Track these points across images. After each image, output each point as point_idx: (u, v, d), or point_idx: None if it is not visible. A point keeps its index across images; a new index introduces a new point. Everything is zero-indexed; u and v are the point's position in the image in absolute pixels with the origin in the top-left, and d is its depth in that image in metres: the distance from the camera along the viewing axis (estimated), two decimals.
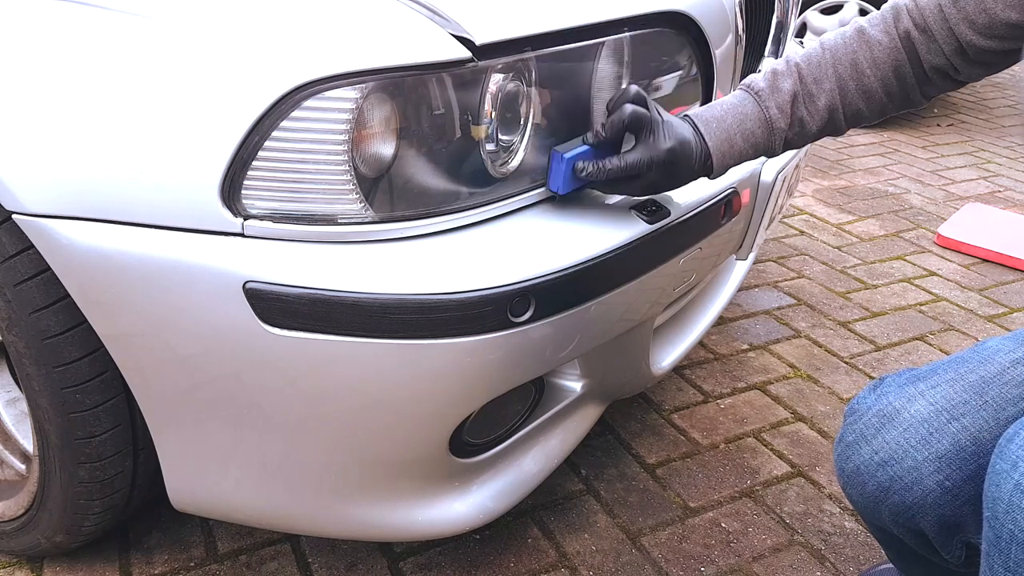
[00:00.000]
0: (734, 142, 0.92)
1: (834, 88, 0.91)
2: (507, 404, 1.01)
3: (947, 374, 0.82)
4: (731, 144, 0.92)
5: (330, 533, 1.02)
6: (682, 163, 0.91)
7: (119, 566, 1.19)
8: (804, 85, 0.92)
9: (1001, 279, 2.24)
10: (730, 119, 0.92)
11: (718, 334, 1.88)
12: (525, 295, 0.85)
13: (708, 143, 0.91)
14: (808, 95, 0.92)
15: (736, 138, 0.92)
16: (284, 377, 0.86)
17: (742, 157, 0.93)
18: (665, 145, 0.89)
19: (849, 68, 0.91)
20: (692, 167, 0.92)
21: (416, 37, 0.83)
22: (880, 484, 0.81)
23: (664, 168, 0.90)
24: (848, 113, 0.93)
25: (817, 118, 0.93)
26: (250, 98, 0.79)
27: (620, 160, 0.90)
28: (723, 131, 0.92)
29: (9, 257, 0.89)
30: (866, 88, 0.91)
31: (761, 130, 0.92)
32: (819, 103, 0.92)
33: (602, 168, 0.90)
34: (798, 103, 0.92)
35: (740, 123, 0.92)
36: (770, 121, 0.92)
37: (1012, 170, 3.15)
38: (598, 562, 1.23)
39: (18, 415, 1.17)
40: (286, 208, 0.82)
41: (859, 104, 0.92)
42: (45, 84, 0.83)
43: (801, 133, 0.93)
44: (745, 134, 0.92)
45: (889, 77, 0.91)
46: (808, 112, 0.92)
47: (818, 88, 0.91)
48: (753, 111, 0.92)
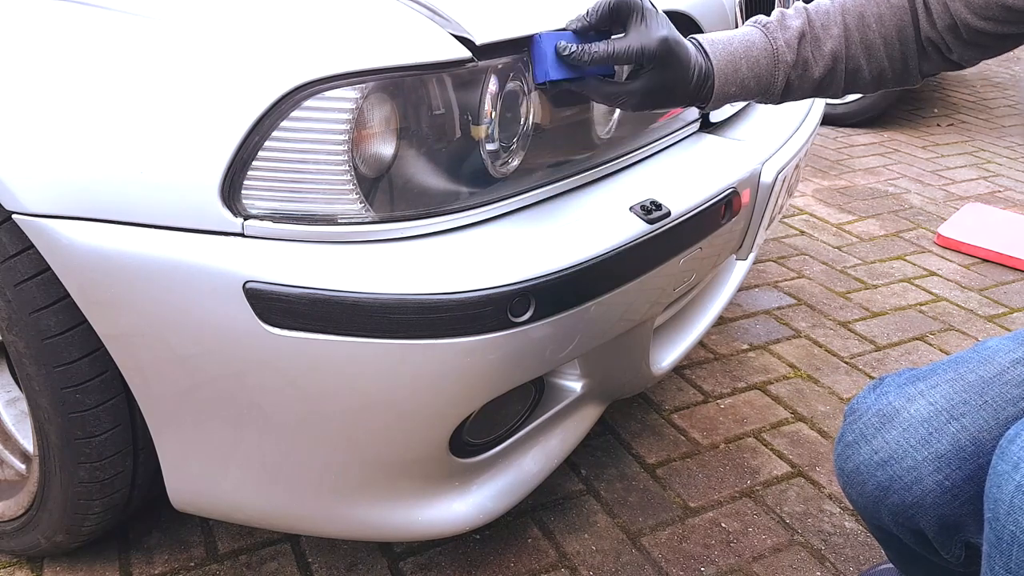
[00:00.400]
0: (738, 67, 0.87)
1: (840, 35, 0.88)
2: (507, 404, 1.01)
3: (947, 374, 0.82)
4: (735, 68, 0.87)
5: (330, 533, 1.02)
6: (678, 66, 0.84)
7: (119, 566, 1.19)
8: (812, 27, 0.88)
9: (1001, 279, 2.24)
10: (736, 43, 0.87)
11: (718, 334, 1.88)
12: (525, 295, 0.85)
13: (712, 60, 0.86)
14: (815, 38, 0.88)
15: (741, 63, 0.87)
16: (284, 377, 0.86)
17: (743, 88, 0.88)
18: (658, 33, 0.82)
19: (856, 19, 0.88)
20: (688, 79, 0.85)
21: (416, 37, 0.83)
22: (880, 484, 0.81)
23: (658, 65, 0.83)
24: (849, 67, 0.90)
25: (821, 64, 0.89)
26: (250, 98, 0.79)
27: (608, 45, 0.82)
28: (728, 53, 0.86)
29: (9, 257, 0.89)
30: (869, 43, 0.88)
31: (766, 60, 0.88)
32: (824, 48, 0.88)
33: (588, 51, 0.82)
34: (805, 43, 0.88)
35: (747, 49, 0.87)
36: (776, 53, 0.87)
37: (1012, 170, 3.15)
38: (598, 562, 1.23)
39: (18, 415, 1.17)
40: (286, 208, 0.82)
41: (860, 60, 0.89)
42: (45, 84, 0.83)
43: (803, 77, 0.89)
44: (750, 61, 0.87)
45: (892, 37, 0.88)
46: (813, 55, 0.89)
47: (825, 33, 0.88)
48: (760, 40, 0.88)
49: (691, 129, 1.23)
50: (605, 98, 0.87)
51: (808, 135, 1.38)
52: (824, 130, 3.54)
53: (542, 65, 0.83)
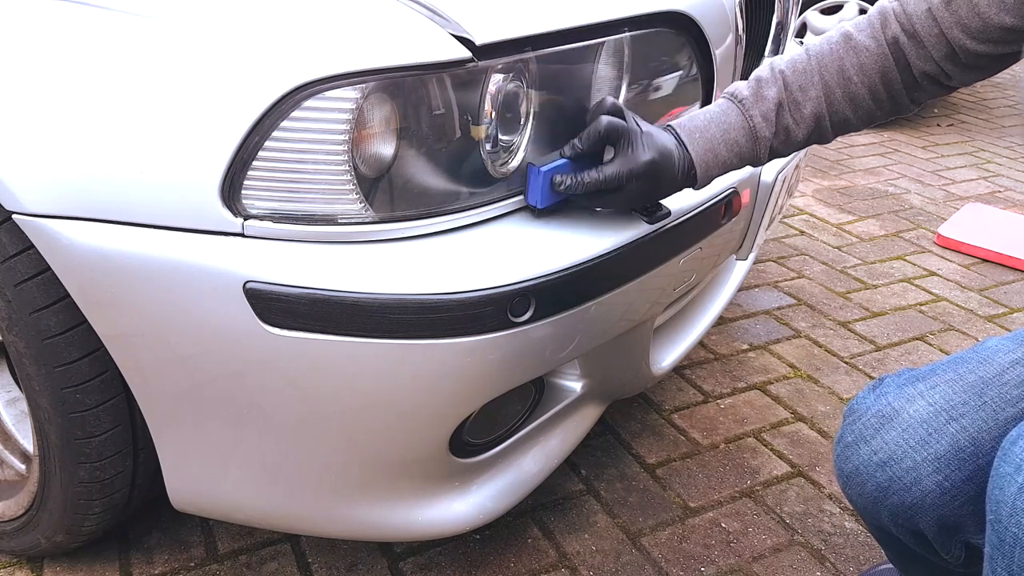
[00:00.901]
0: (718, 152, 0.90)
1: (820, 95, 0.89)
2: (507, 404, 1.01)
3: (946, 374, 0.82)
4: (715, 155, 0.90)
5: (330, 533, 1.02)
6: (664, 174, 0.89)
7: (119, 566, 1.19)
8: (789, 92, 0.90)
9: (1001, 279, 2.24)
10: (713, 129, 0.90)
11: (718, 334, 1.88)
12: (525, 295, 0.85)
13: (692, 154, 0.90)
14: (794, 103, 0.90)
15: (720, 148, 0.90)
16: (284, 377, 0.86)
17: (726, 167, 0.92)
18: (644, 157, 0.88)
19: (836, 75, 0.89)
20: (675, 178, 0.90)
21: (416, 37, 0.83)
22: (879, 484, 0.81)
23: (645, 180, 0.89)
24: (835, 121, 0.91)
25: (803, 126, 0.91)
26: (250, 98, 0.79)
27: (599, 173, 0.89)
28: (706, 141, 0.90)
29: (9, 257, 0.89)
30: (853, 95, 0.89)
31: (745, 139, 0.90)
32: (805, 111, 0.90)
33: (580, 181, 0.89)
34: (783, 111, 0.90)
35: (724, 133, 0.90)
36: (754, 130, 0.90)
37: (1012, 170, 3.15)
38: (598, 562, 1.23)
39: (18, 415, 1.17)
40: (286, 208, 0.82)
41: (846, 111, 0.90)
42: (45, 84, 0.83)
43: (787, 141, 0.92)
44: (729, 144, 0.90)
45: (876, 84, 0.89)
46: (794, 120, 0.90)
47: (804, 96, 0.89)
48: (737, 120, 0.90)
49: None
50: (597, 205, 0.94)
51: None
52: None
53: (536, 193, 0.91)
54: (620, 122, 0.89)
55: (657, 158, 0.88)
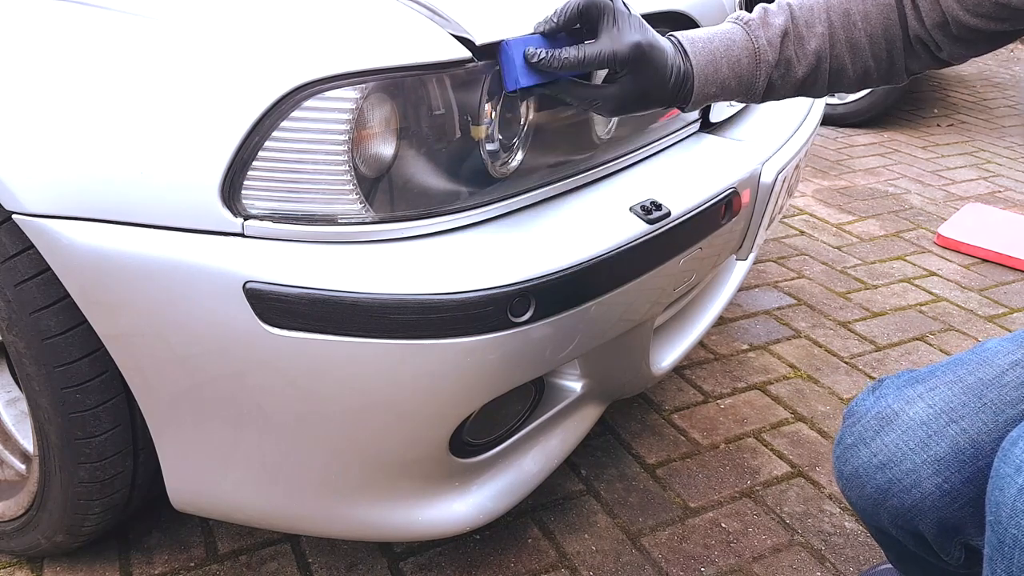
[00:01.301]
0: (719, 66, 0.84)
1: (825, 33, 0.85)
2: (507, 404, 1.01)
3: (946, 376, 0.81)
4: (716, 68, 0.84)
5: (330, 533, 1.02)
6: (654, 71, 0.81)
7: (119, 566, 1.19)
8: (795, 25, 0.86)
9: (1001, 279, 2.24)
10: (717, 41, 0.84)
11: (718, 334, 1.88)
12: (525, 295, 0.85)
13: (692, 61, 0.83)
14: (798, 36, 0.86)
15: (721, 63, 0.84)
16: (284, 377, 0.86)
17: (724, 88, 0.85)
18: (631, 37, 0.79)
19: (841, 16, 0.85)
20: (666, 81, 0.82)
21: (416, 37, 0.83)
22: (879, 486, 0.81)
23: (634, 69, 0.80)
24: (833, 66, 0.87)
25: (804, 63, 0.86)
26: (250, 98, 0.79)
27: (578, 51, 0.80)
28: (709, 53, 0.83)
29: (9, 257, 0.89)
30: (855, 42, 0.86)
31: (748, 60, 0.85)
32: (808, 46, 0.85)
33: (557, 56, 0.79)
34: (788, 41, 0.85)
35: (727, 48, 0.84)
36: (758, 52, 0.84)
37: (1012, 170, 3.15)
38: (598, 562, 1.23)
39: (18, 415, 1.17)
40: (286, 208, 0.82)
41: (845, 58, 0.86)
42: (45, 84, 0.83)
43: (786, 76, 0.87)
44: (731, 61, 0.84)
45: (879, 36, 0.85)
46: (796, 54, 0.86)
47: (809, 31, 0.85)
48: (742, 39, 0.85)
49: (691, 129, 1.23)
50: (579, 101, 0.85)
51: (808, 135, 1.38)
52: (824, 130, 3.54)
53: (511, 72, 0.81)
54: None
55: (644, 45, 0.80)
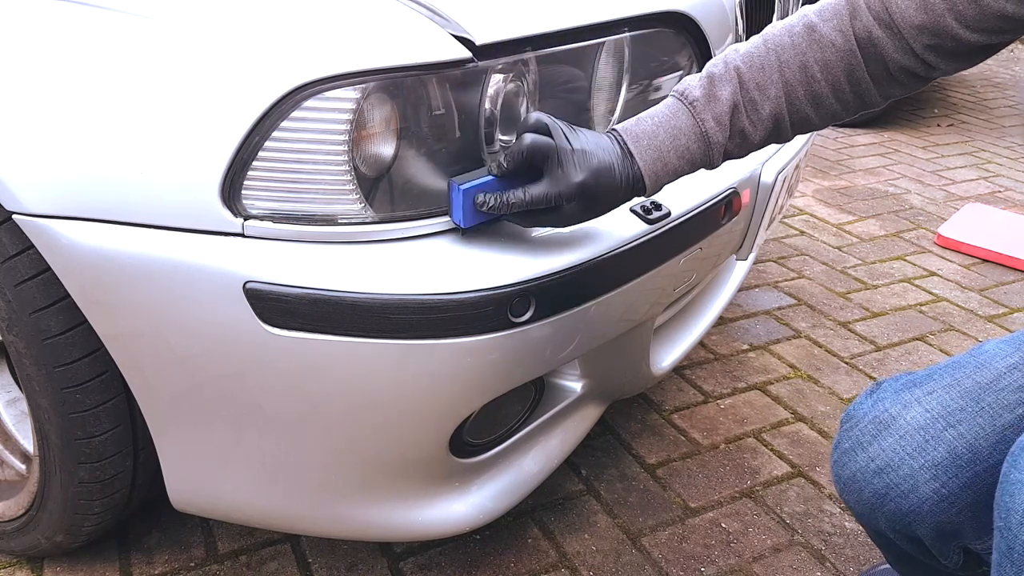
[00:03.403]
0: (667, 161, 0.83)
1: (780, 95, 0.81)
2: (507, 404, 1.01)
3: (943, 380, 0.81)
4: (664, 163, 0.83)
5: (330, 533, 1.02)
6: (603, 192, 0.82)
7: (119, 566, 1.19)
8: (746, 92, 0.82)
9: (1001, 279, 2.24)
10: (662, 135, 0.82)
11: (718, 334, 1.88)
12: (525, 295, 0.85)
13: (639, 163, 0.82)
14: (751, 103, 0.82)
15: (669, 156, 0.83)
16: (284, 377, 0.86)
17: (677, 174, 0.85)
18: (576, 178, 0.80)
19: (797, 72, 0.81)
20: (616, 192, 0.83)
21: (416, 37, 0.83)
22: (876, 491, 0.81)
23: (580, 200, 0.82)
24: (795, 120, 0.84)
25: (761, 128, 0.83)
26: (250, 98, 0.79)
27: (524, 194, 0.82)
28: (655, 149, 0.82)
29: (9, 257, 0.89)
30: (816, 94, 0.82)
31: (697, 145, 0.83)
32: (763, 112, 0.82)
33: (505, 202, 0.82)
34: (739, 113, 0.82)
35: (673, 139, 0.82)
36: (706, 136, 0.82)
37: (1012, 170, 3.15)
38: (598, 562, 1.23)
39: (18, 415, 1.17)
40: (286, 208, 0.82)
41: (807, 111, 0.83)
42: (46, 84, 0.83)
43: (743, 144, 0.85)
44: (679, 151, 0.83)
45: (842, 83, 0.81)
46: (751, 122, 0.83)
47: (762, 95, 0.81)
48: (687, 125, 0.82)
49: None
50: (533, 225, 0.87)
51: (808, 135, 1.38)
52: (824, 130, 3.54)
53: (458, 212, 0.84)
54: (545, 140, 0.81)
55: (589, 179, 0.81)
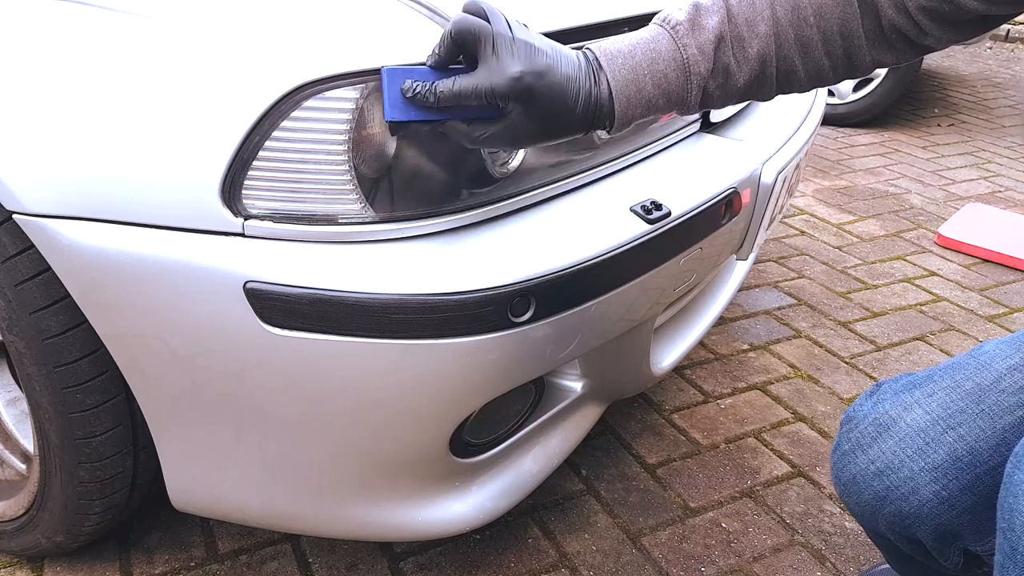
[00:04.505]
0: (642, 86, 0.72)
1: (770, 34, 0.73)
2: (507, 404, 1.01)
3: (943, 381, 0.80)
4: (639, 88, 0.72)
5: (330, 533, 1.02)
6: (549, 102, 0.70)
7: (119, 566, 1.19)
8: (734, 25, 0.73)
9: (1001, 279, 2.24)
10: (639, 55, 0.72)
11: (718, 334, 1.88)
12: (525, 295, 0.85)
13: (612, 82, 0.72)
14: (738, 38, 0.73)
15: (645, 81, 0.72)
16: (284, 377, 0.86)
17: (650, 107, 0.74)
18: (511, 69, 0.68)
19: (790, 12, 0.74)
20: (571, 110, 0.71)
21: (416, 37, 0.83)
22: (876, 494, 0.81)
23: (520, 102, 0.70)
24: (781, 69, 0.76)
25: (746, 68, 0.74)
26: (250, 98, 0.79)
27: (453, 83, 0.70)
28: (630, 70, 0.72)
29: (9, 257, 0.90)
30: (806, 41, 0.74)
31: (676, 74, 0.73)
32: (750, 50, 0.74)
33: (432, 91, 0.71)
34: (724, 46, 0.73)
35: (651, 62, 0.72)
36: (687, 63, 0.73)
37: (1012, 170, 3.15)
38: (598, 562, 1.23)
39: (19, 415, 1.17)
40: (286, 208, 0.82)
41: (795, 60, 0.75)
42: (46, 84, 0.83)
43: (724, 86, 0.75)
44: (656, 77, 0.72)
45: (833, 32, 0.74)
46: (736, 59, 0.74)
47: (750, 31, 0.73)
48: (668, 50, 0.72)
49: (691, 129, 1.23)
50: (468, 142, 0.75)
51: (808, 135, 1.38)
52: (824, 130, 3.54)
53: (387, 104, 0.73)
54: (476, 22, 0.70)
55: (530, 74, 0.69)
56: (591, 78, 0.72)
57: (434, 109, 0.73)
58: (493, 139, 0.73)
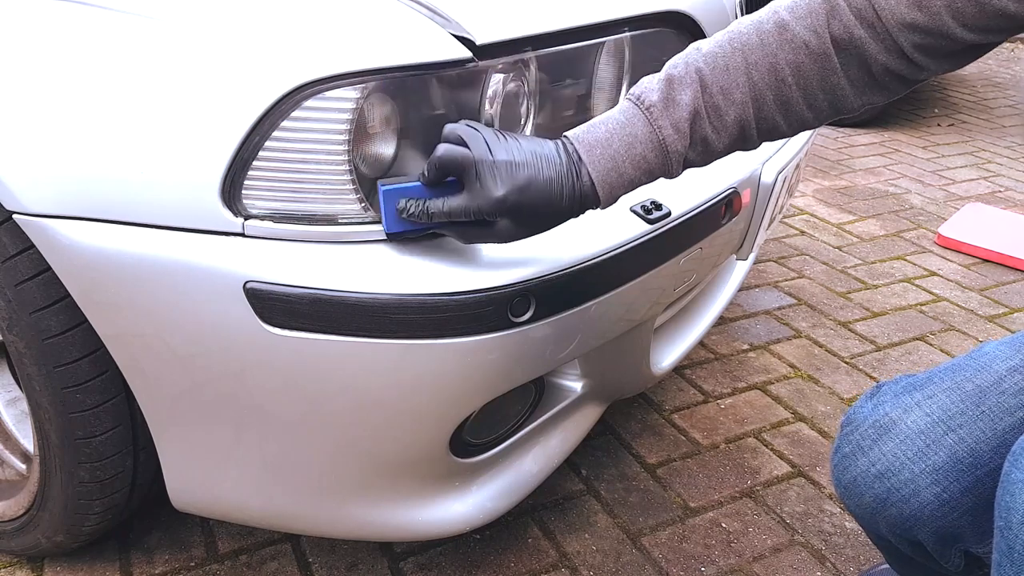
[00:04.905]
0: (623, 171, 0.75)
1: (746, 100, 0.74)
2: (507, 404, 1.01)
3: (944, 383, 0.80)
4: (619, 174, 0.75)
5: (330, 533, 1.02)
6: (537, 207, 0.75)
7: (119, 566, 1.19)
8: (709, 96, 0.74)
9: (1001, 279, 2.24)
10: (617, 143, 0.75)
11: (718, 334, 1.88)
12: (525, 295, 0.85)
13: (593, 174, 0.75)
14: (714, 109, 0.74)
15: (625, 166, 0.75)
16: (284, 377, 0.86)
17: (634, 185, 0.77)
18: (495, 193, 0.73)
19: (766, 75, 0.73)
20: (558, 208, 0.76)
21: (416, 37, 0.83)
22: (877, 496, 0.81)
23: (508, 216, 0.75)
24: (762, 128, 0.77)
25: (725, 135, 0.76)
26: (251, 98, 0.79)
27: (443, 204, 0.76)
28: (609, 159, 0.75)
29: (10, 257, 0.89)
30: (786, 100, 0.74)
31: (654, 155, 0.75)
32: (727, 118, 0.75)
33: (425, 211, 0.77)
34: (700, 120, 0.75)
35: (628, 148, 0.75)
36: (664, 144, 0.75)
37: (1012, 170, 3.15)
38: (598, 562, 1.23)
39: (19, 415, 1.17)
40: (286, 208, 0.82)
41: (776, 118, 0.76)
42: (46, 84, 0.83)
43: (705, 153, 0.77)
44: (635, 160, 0.75)
45: (814, 89, 0.74)
46: (714, 129, 0.75)
47: (727, 100, 0.74)
48: (643, 133, 0.74)
49: None
50: (468, 240, 0.81)
51: (809, 135, 1.38)
52: (824, 130, 3.54)
53: (386, 218, 0.80)
54: (458, 151, 0.75)
55: (512, 194, 0.74)
56: (572, 173, 0.75)
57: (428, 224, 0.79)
58: (490, 239, 0.79)
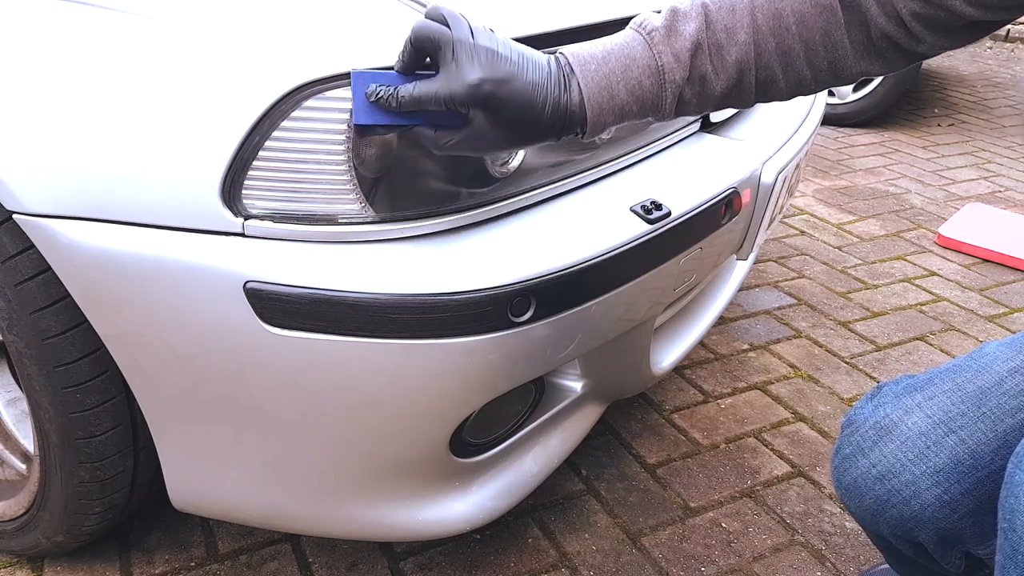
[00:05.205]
0: (615, 93, 0.70)
1: (749, 41, 0.71)
2: (507, 404, 1.01)
3: (944, 384, 0.80)
4: (611, 95, 0.71)
5: (330, 533, 1.02)
6: (513, 108, 0.69)
7: (119, 566, 1.19)
8: (712, 32, 0.71)
9: (1002, 279, 2.24)
10: (613, 62, 0.70)
11: (718, 334, 1.88)
12: (525, 295, 0.85)
13: (584, 89, 0.70)
14: (715, 46, 0.71)
15: (618, 88, 0.70)
16: (285, 377, 0.86)
17: (623, 114, 0.72)
18: (470, 76, 0.67)
19: (771, 19, 0.71)
20: (538, 118, 0.70)
21: None
22: (878, 498, 0.80)
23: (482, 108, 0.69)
24: (760, 79, 0.74)
25: (724, 76, 0.72)
26: (251, 98, 0.79)
27: (413, 88, 0.70)
28: (603, 76, 0.70)
29: (10, 257, 0.90)
30: (787, 50, 0.72)
31: (650, 81, 0.71)
32: (728, 58, 0.71)
33: (394, 95, 0.70)
34: (701, 54, 0.71)
35: (625, 69, 0.70)
36: (661, 71, 0.71)
37: (1012, 170, 3.15)
38: (598, 562, 1.23)
39: (19, 415, 1.17)
40: (287, 208, 0.82)
41: (775, 69, 0.73)
42: (46, 84, 0.83)
43: (701, 94, 0.73)
44: (630, 84, 0.70)
45: (816, 42, 0.72)
46: (713, 68, 0.72)
47: (729, 38, 0.71)
48: (642, 57, 0.70)
49: (691, 129, 1.23)
50: (435, 148, 0.74)
51: (809, 135, 1.38)
52: (824, 130, 3.54)
53: (355, 106, 0.74)
54: (436, 27, 0.69)
55: (491, 81, 0.67)
56: (561, 84, 0.70)
57: (398, 114, 0.72)
58: (459, 146, 0.73)
